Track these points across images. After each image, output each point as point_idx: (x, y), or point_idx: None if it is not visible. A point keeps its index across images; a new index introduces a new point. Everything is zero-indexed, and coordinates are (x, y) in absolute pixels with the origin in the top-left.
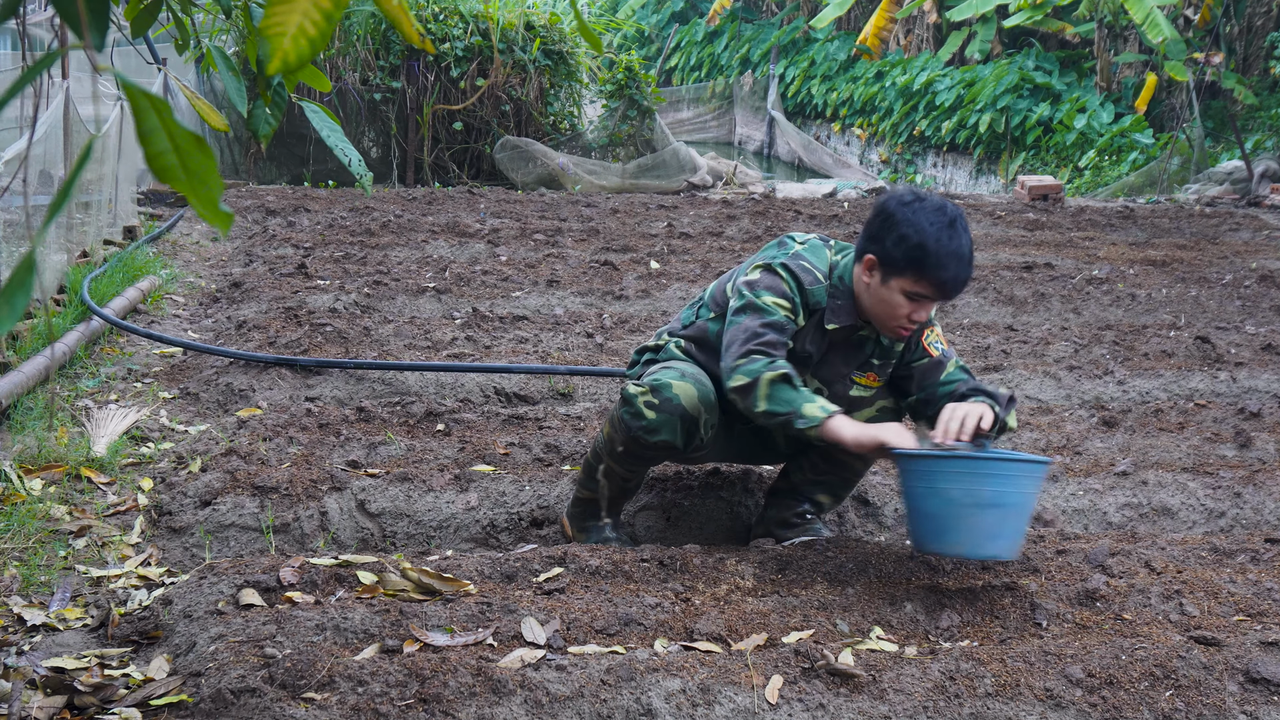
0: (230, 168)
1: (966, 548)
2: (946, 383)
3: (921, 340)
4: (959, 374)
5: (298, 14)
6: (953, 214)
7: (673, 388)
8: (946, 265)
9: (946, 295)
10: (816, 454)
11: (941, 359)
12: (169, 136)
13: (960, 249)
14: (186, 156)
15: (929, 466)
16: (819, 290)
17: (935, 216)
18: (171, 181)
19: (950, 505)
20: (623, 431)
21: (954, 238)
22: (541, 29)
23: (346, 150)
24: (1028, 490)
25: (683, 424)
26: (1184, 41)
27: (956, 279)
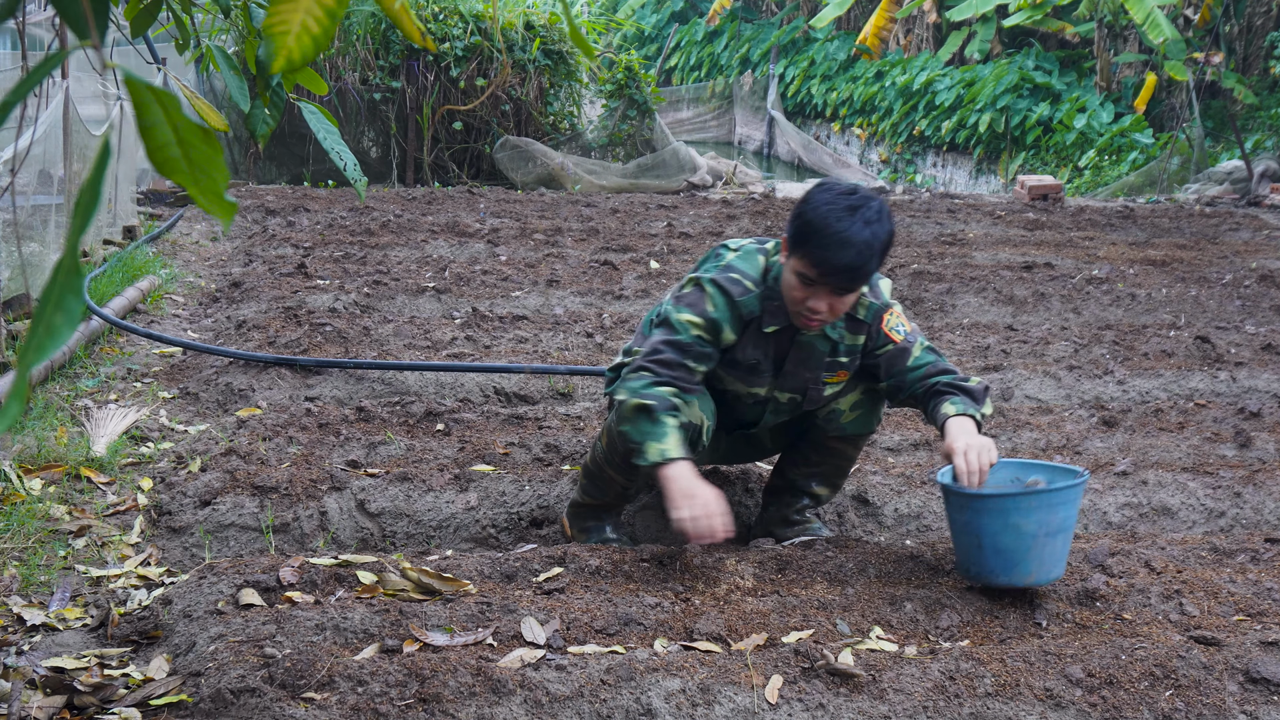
0: (230, 167)
1: (1038, 575)
2: (915, 368)
3: (882, 326)
4: (927, 356)
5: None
6: (857, 202)
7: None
8: (828, 246)
9: (829, 280)
10: (807, 446)
11: (905, 344)
12: (173, 129)
13: (848, 234)
14: (191, 149)
15: (1004, 505)
16: (750, 299)
17: (838, 199)
18: (174, 174)
19: (1024, 538)
20: (624, 443)
21: (846, 222)
22: (541, 29)
23: (343, 154)
24: (1078, 507)
25: (685, 433)
26: (1184, 41)
27: (836, 263)
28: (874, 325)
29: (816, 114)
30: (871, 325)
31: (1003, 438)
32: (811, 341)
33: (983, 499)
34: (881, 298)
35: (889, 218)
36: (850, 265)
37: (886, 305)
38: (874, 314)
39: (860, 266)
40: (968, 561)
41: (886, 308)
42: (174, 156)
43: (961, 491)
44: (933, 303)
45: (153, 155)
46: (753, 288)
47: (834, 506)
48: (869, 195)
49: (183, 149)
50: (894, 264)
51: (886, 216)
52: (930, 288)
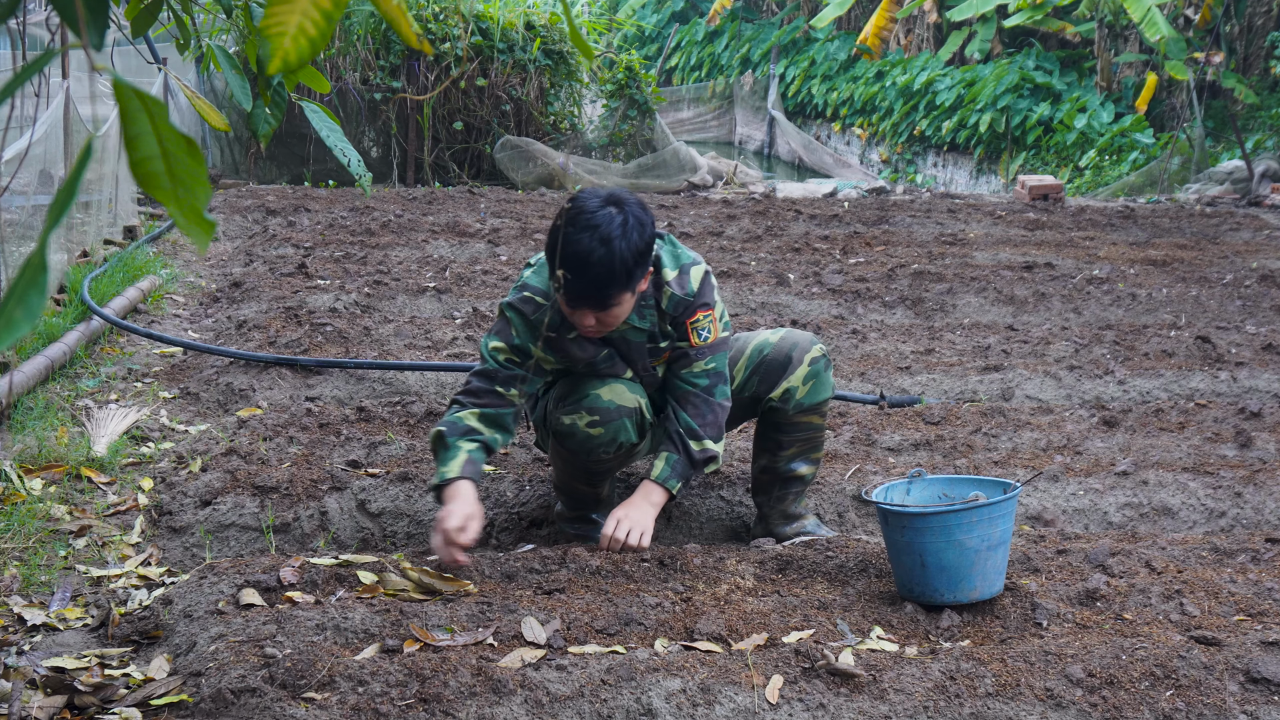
0: (231, 167)
1: (982, 590)
2: (683, 381)
3: (687, 322)
4: (700, 380)
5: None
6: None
7: (604, 396)
8: (568, 268)
9: (571, 300)
10: (774, 430)
11: (696, 355)
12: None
13: (573, 252)
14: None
15: (947, 521)
16: (543, 313)
17: (579, 219)
18: (154, 190)
19: (967, 553)
20: (581, 458)
21: (579, 243)
22: (542, 29)
23: (346, 150)
24: (1014, 518)
25: (631, 419)
26: (1184, 41)
27: (573, 287)
28: (681, 315)
29: (817, 114)
30: (678, 315)
31: (1003, 438)
32: (622, 334)
33: (924, 517)
34: (688, 288)
35: (638, 227)
36: (590, 287)
37: (701, 303)
38: (678, 305)
39: (603, 287)
40: (910, 581)
41: (701, 306)
42: (156, 171)
43: (901, 510)
44: (933, 303)
45: (135, 168)
46: (545, 301)
47: (834, 506)
48: (610, 208)
49: (166, 161)
50: (895, 264)
51: (634, 227)
52: (931, 288)
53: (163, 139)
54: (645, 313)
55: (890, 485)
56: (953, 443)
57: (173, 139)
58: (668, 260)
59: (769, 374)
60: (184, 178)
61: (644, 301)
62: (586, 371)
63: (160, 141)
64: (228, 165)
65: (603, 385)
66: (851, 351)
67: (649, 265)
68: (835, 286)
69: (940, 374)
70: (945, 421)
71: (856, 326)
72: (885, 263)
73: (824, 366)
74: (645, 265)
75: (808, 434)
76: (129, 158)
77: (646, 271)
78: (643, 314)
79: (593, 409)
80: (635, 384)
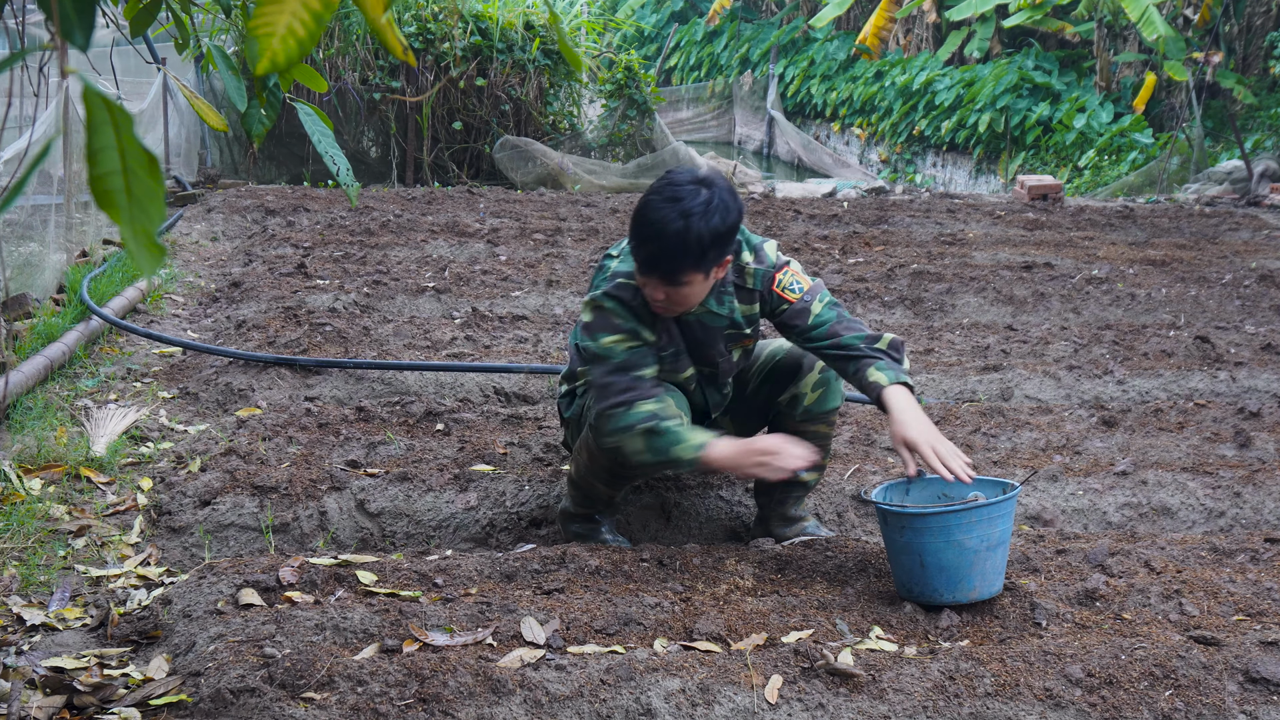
0: (230, 167)
1: (981, 590)
2: (816, 325)
3: (774, 288)
4: (827, 313)
5: (287, 14)
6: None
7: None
8: (641, 238)
9: (646, 273)
10: (775, 432)
11: (803, 303)
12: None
13: (660, 226)
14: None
15: (947, 521)
16: (638, 294)
17: (664, 189)
18: (109, 208)
19: (966, 554)
20: (607, 458)
21: (661, 213)
22: (541, 29)
23: (336, 157)
24: (1013, 518)
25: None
26: (1183, 41)
27: (646, 255)
28: (766, 289)
29: (816, 114)
30: (764, 291)
31: (1002, 438)
32: (699, 318)
33: (924, 517)
34: (767, 260)
35: (721, 210)
36: (661, 257)
37: (777, 265)
38: (764, 278)
39: (674, 260)
40: (909, 581)
41: (778, 268)
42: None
43: (901, 511)
44: (933, 303)
45: (94, 183)
46: (634, 282)
47: (834, 506)
48: (699, 187)
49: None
50: (894, 264)
51: (717, 209)
52: (930, 288)
53: (125, 154)
54: (724, 298)
55: (889, 485)
56: (952, 442)
57: (135, 154)
58: (744, 245)
59: (779, 380)
60: (141, 197)
61: (722, 288)
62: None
63: (123, 156)
64: (227, 165)
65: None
66: None
67: (727, 251)
68: (834, 286)
69: (939, 374)
70: (944, 421)
71: None
72: (884, 263)
73: (835, 376)
74: (723, 250)
75: (815, 443)
76: (89, 172)
77: (724, 257)
78: (721, 299)
79: None
80: (683, 398)
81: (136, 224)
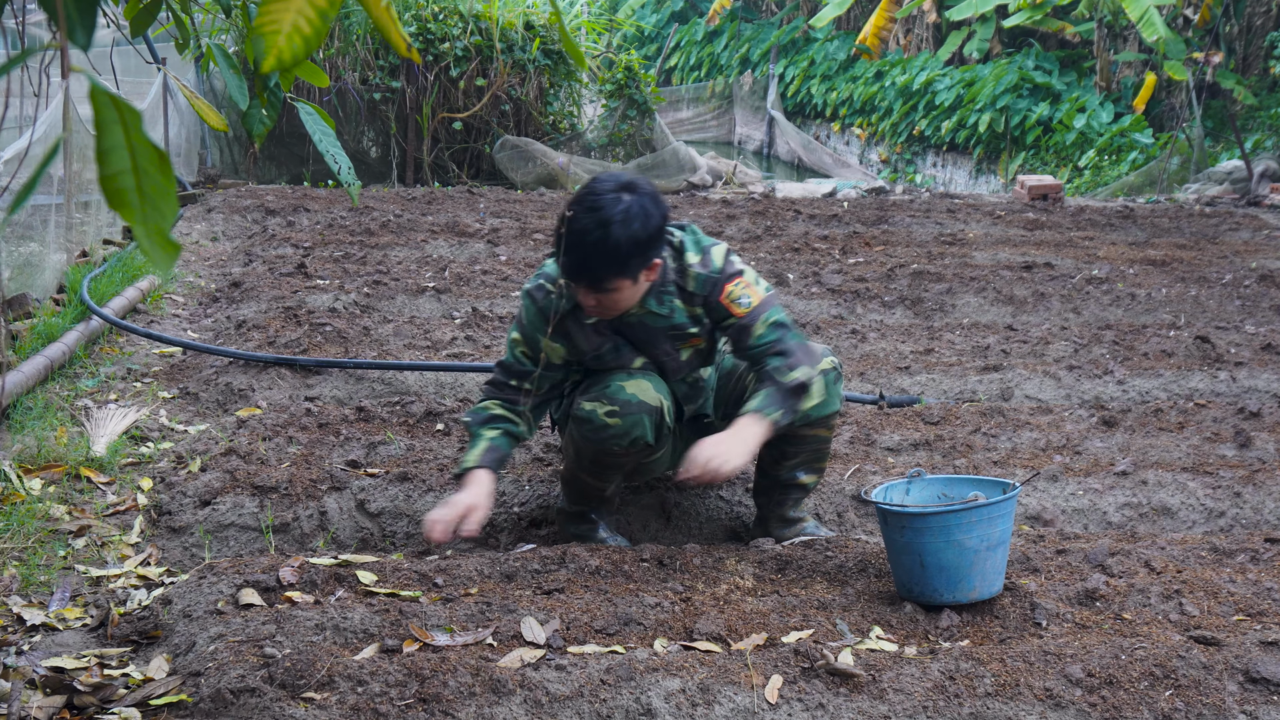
0: (230, 167)
1: (981, 590)
2: (754, 346)
3: (722, 299)
4: (770, 334)
5: (292, 12)
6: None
7: (626, 389)
8: (565, 249)
9: (569, 277)
10: (779, 440)
11: (749, 320)
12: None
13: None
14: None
15: (946, 521)
16: (552, 300)
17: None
18: (121, 207)
19: (966, 553)
20: (591, 447)
21: (578, 220)
22: (541, 29)
23: (337, 157)
24: (1013, 518)
25: (650, 418)
26: (1183, 41)
27: (569, 262)
28: (712, 296)
29: (816, 114)
30: (708, 296)
31: (1002, 438)
32: (640, 319)
33: (924, 517)
34: (713, 266)
35: (641, 216)
36: (584, 266)
37: (728, 274)
38: (705, 284)
39: (596, 268)
40: (909, 581)
41: (729, 277)
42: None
43: (901, 510)
44: (933, 303)
45: (104, 183)
46: (553, 288)
47: (834, 506)
48: (620, 194)
49: (136, 177)
50: (894, 264)
51: (637, 215)
52: (930, 287)
53: (135, 152)
54: (665, 299)
55: (889, 485)
56: (952, 443)
57: (145, 153)
58: (690, 245)
59: None
60: (153, 195)
61: (664, 288)
62: (614, 366)
63: (133, 155)
64: (227, 165)
65: (629, 379)
66: (851, 351)
67: (653, 255)
68: (834, 286)
69: (939, 374)
70: (945, 421)
71: (856, 326)
72: (884, 263)
73: (833, 380)
74: (647, 255)
75: (813, 446)
76: (99, 172)
77: (651, 261)
78: (662, 300)
79: (614, 399)
80: (663, 385)
81: (149, 222)
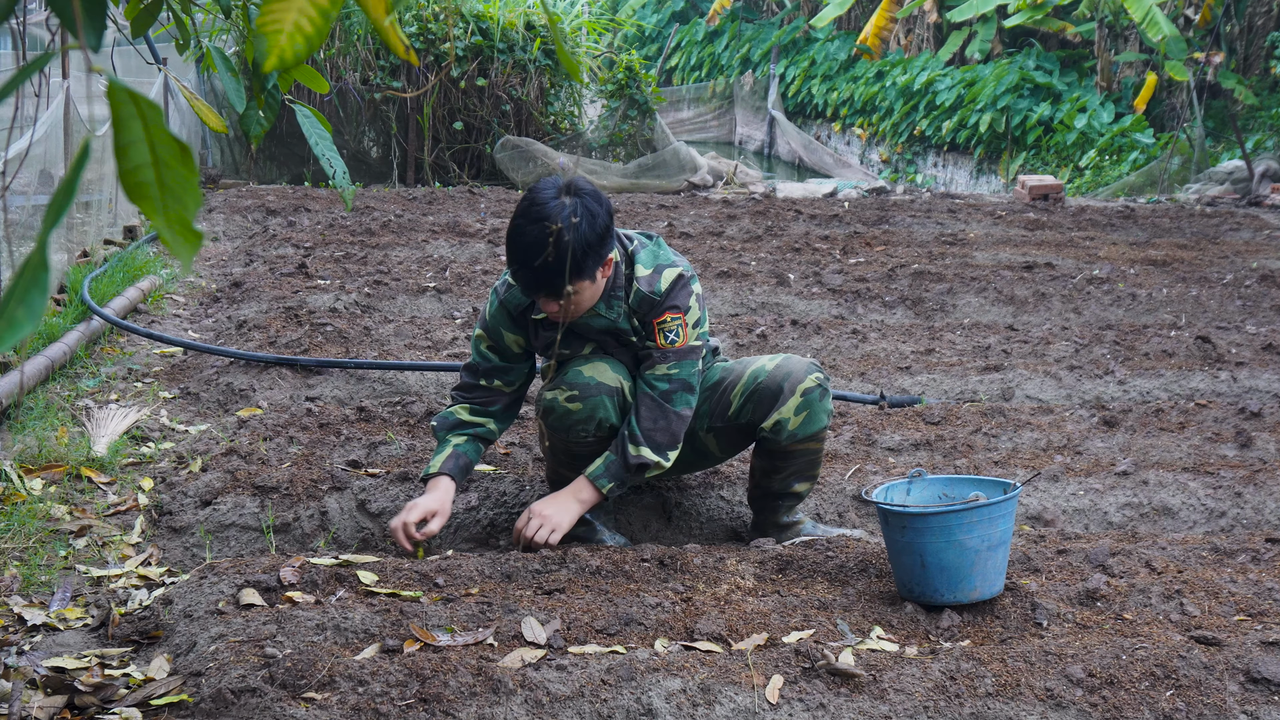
0: (231, 167)
1: (983, 590)
2: (645, 380)
3: (654, 321)
4: (660, 384)
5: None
6: (543, 212)
7: (584, 373)
8: (513, 260)
9: (528, 290)
10: (770, 455)
11: (659, 357)
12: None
13: (522, 244)
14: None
15: (947, 521)
16: (513, 294)
17: (526, 209)
18: (141, 200)
19: (967, 553)
20: (560, 437)
21: (521, 233)
22: (542, 29)
23: (333, 160)
24: (1014, 518)
25: (612, 399)
26: (1184, 41)
27: (521, 274)
28: (648, 315)
29: (817, 114)
30: (645, 314)
31: (1003, 438)
32: (587, 322)
33: (924, 517)
34: (655, 287)
35: (587, 217)
36: (541, 278)
37: (670, 305)
38: (643, 302)
39: (553, 277)
40: (910, 581)
41: (671, 308)
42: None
43: (901, 510)
44: (933, 303)
45: (124, 177)
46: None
47: (834, 506)
48: (561, 198)
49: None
50: (895, 264)
51: (583, 216)
52: (931, 288)
53: (156, 146)
54: (614, 303)
55: (890, 485)
56: (953, 443)
57: (167, 146)
58: (644, 258)
59: (761, 403)
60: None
61: (613, 293)
62: (565, 353)
63: (153, 149)
64: (228, 165)
65: (586, 363)
66: (851, 351)
67: (606, 252)
68: (835, 286)
69: (940, 374)
70: (945, 421)
71: (856, 326)
72: (885, 263)
73: (818, 396)
74: (600, 253)
75: (804, 458)
76: (118, 167)
77: (605, 257)
78: (610, 304)
79: (573, 384)
80: (620, 365)
81: (170, 213)
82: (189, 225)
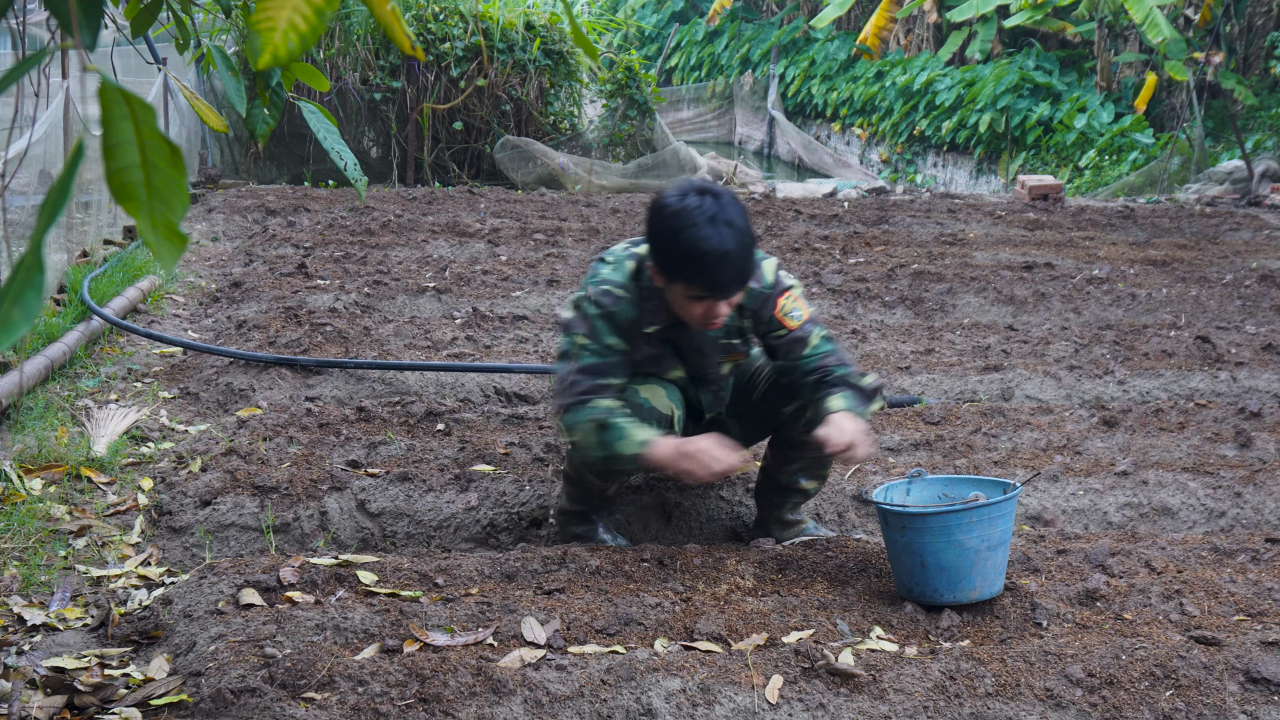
0: (231, 167)
1: (982, 590)
2: (810, 355)
3: (775, 312)
4: (824, 345)
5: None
6: (711, 211)
7: (641, 393)
8: (708, 268)
9: (722, 294)
10: (784, 446)
11: (803, 333)
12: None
13: (721, 246)
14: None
15: (947, 521)
16: (623, 306)
17: (695, 216)
18: (127, 201)
19: (966, 553)
20: (605, 464)
21: (713, 237)
22: (542, 29)
23: (343, 153)
24: (1014, 518)
25: (661, 425)
26: (1184, 41)
27: (723, 278)
28: (763, 309)
29: (817, 114)
30: (759, 309)
31: (1003, 438)
32: (702, 333)
33: (924, 517)
34: (764, 280)
35: (742, 210)
36: (736, 275)
37: (780, 288)
38: (759, 298)
39: (744, 270)
40: (910, 581)
41: (781, 291)
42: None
43: (901, 510)
44: (933, 303)
45: (111, 178)
46: (623, 294)
47: (834, 506)
48: (709, 196)
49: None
50: (895, 264)
51: (741, 210)
52: (931, 288)
53: (146, 147)
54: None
55: (890, 485)
56: (953, 443)
57: (157, 147)
58: None
59: (787, 387)
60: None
61: None
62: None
63: (143, 150)
64: (228, 165)
65: (645, 384)
66: (852, 351)
67: None
68: (835, 286)
69: (940, 374)
70: (945, 421)
71: (856, 326)
72: (885, 263)
73: None
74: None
75: (817, 455)
76: (105, 167)
77: None
78: None
79: (629, 402)
80: (677, 395)
81: (156, 215)
82: (175, 229)
